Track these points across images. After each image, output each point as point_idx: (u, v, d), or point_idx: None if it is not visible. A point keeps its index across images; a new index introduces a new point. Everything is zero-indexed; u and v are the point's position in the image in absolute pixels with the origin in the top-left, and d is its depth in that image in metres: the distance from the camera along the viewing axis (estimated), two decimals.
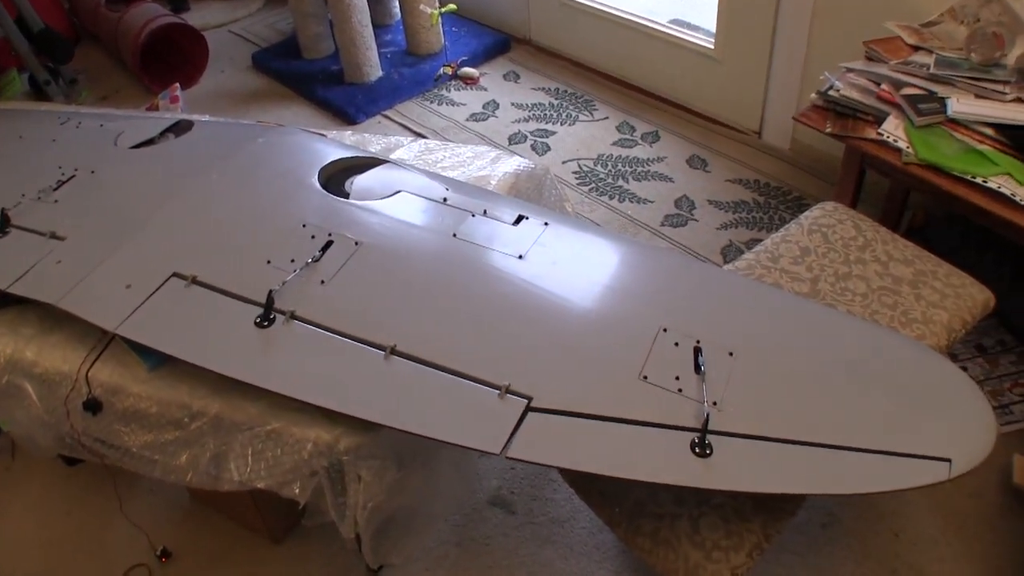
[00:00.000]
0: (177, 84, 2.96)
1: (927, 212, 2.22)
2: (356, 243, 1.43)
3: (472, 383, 1.21)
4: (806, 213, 1.77)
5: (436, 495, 1.41)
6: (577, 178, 2.78)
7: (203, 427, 1.21)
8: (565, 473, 1.46)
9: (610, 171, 2.79)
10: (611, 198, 2.68)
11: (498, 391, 1.19)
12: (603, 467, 1.11)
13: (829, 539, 1.68)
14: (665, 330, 1.31)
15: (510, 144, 2.98)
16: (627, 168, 2.80)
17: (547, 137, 3.00)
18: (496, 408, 1.17)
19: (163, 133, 1.79)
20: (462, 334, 1.29)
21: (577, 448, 1.14)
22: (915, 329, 1.48)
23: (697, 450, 1.09)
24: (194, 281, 1.35)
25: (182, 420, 1.21)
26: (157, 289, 1.32)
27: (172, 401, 1.21)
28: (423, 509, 1.40)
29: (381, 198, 1.56)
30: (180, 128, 1.80)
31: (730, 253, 2.40)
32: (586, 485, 1.41)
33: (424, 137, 2.96)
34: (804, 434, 1.10)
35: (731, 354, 1.26)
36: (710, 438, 1.10)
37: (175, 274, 1.35)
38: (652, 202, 2.64)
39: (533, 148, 2.94)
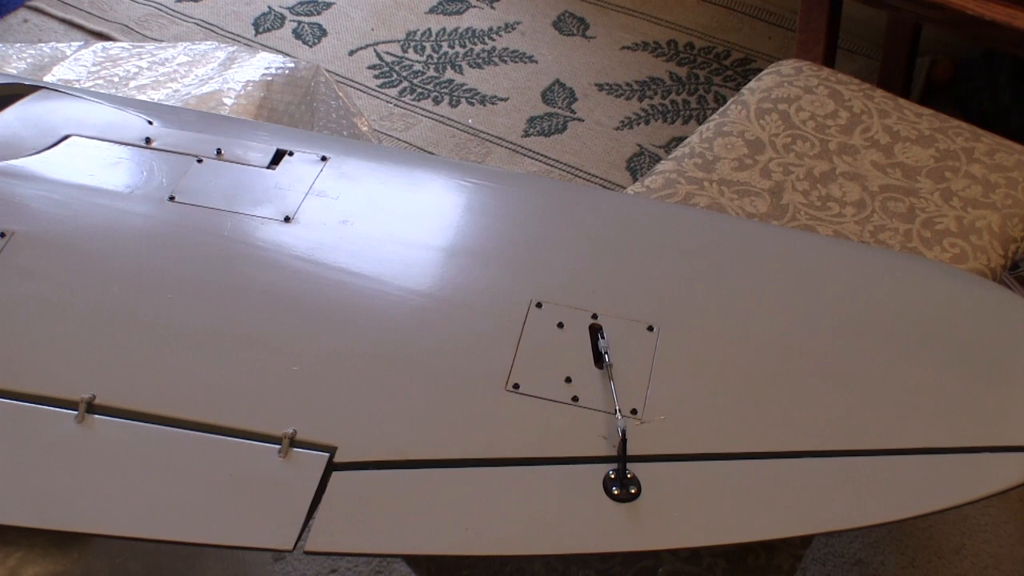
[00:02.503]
0: None
1: (954, 58, 2.28)
2: None
3: (232, 439, 1.21)
4: (752, 83, 1.81)
5: None
6: (376, 75, 2.77)
7: None
8: (409, 557, 1.48)
9: (430, 57, 2.80)
10: (436, 102, 2.69)
11: (278, 446, 1.19)
12: (464, 544, 1.13)
13: None
14: (539, 305, 1.34)
15: (257, 33, 2.95)
16: (458, 48, 2.80)
17: (319, 14, 2.98)
18: (278, 473, 1.18)
19: None
20: (206, 361, 1.28)
21: (418, 519, 1.15)
22: (948, 247, 1.52)
23: (615, 490, 1.14)
24: None
25: None
26: None
27: None
28: None
29: (36, 152, 1.54)
30: None
31: (640, 165, 2.46)
32: (446, 570, 1.43)
33: (107, 38, 2.89)
34: (792, 440, 1.20)
35: (651, 328, 1.32)
36: (633, 468, 1.14)
37: None
38: (505, 99, 2.67)
39: (297, 35, 2.93)
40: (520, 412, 1.23)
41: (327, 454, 1.19)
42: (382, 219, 1.48)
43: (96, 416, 1.23)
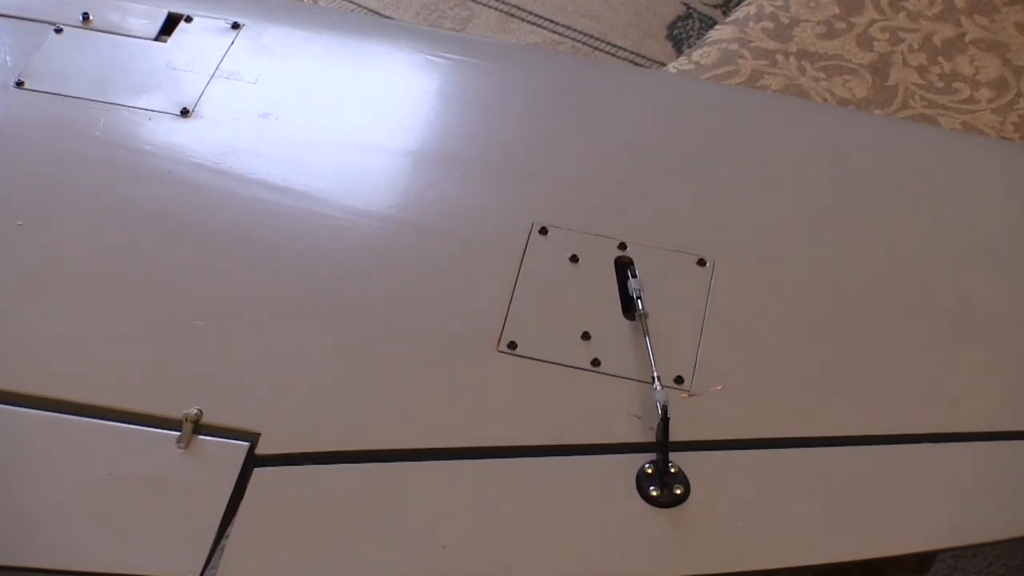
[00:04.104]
0: None
1: None
2: None
3: (109, 422, 1.20)
4: None
5: None
6: None
7: None
8: None
9: None
10: None
11: (176, 432, 1.19)
12: (439, 569, 1.13)
13: None
14: (544, 231, 1.34)
15: None
16: None
17: None
18: (177, 470, 1.17)
19: None
20: (67, 314, 1.28)
21: (374, 533, 1.14)
22: None
23: (654, 490, 1.14)
24: None
25: None
26: None
27: None
28: None
29: None
30: None
31: (687, 32, 2.44)
32: None
33: None
34: (901, 419, 1.20)
35: (702, 263, 1.33)
36: (678, 460, 1.15)
37: None
38: None
39: None
40: (517, 382, 1.23)
41: (246, 443, 1.19)
42: (319, 112, 1.47)
43: None
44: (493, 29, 2.53)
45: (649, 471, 1.16)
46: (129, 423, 1.20)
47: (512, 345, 1.25)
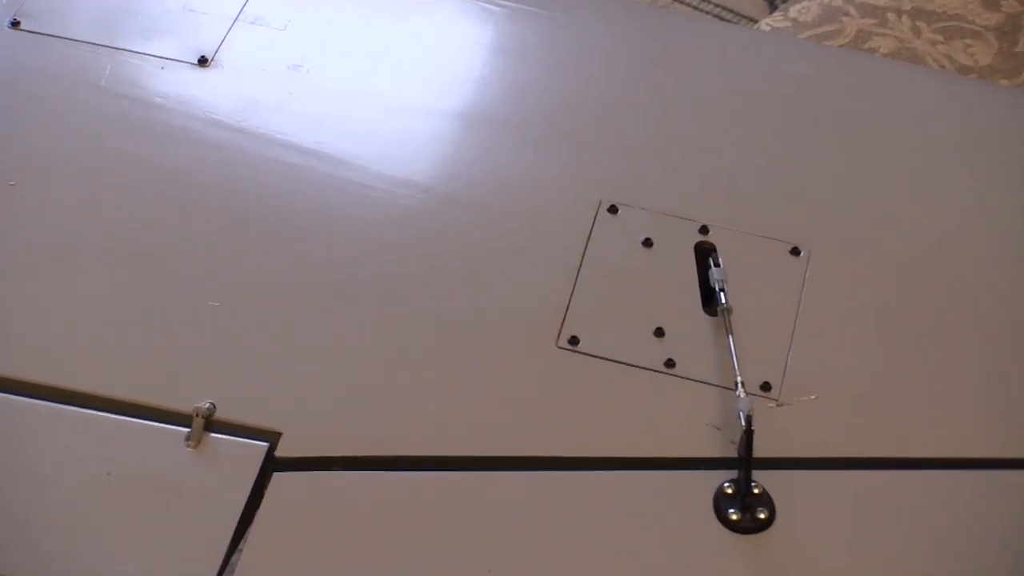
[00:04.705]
0: None
1: None
2: None
3: (109, 415, 1.19)
4: None
5: None
6: None
7: None
8: None
9: None
10: None
11: (186, 428, 1.18)
12: None
13: None
14: (613, 209, 1.33)
15: None
16: None
17: None
18: (186, 472, 1.17)
19: None
20: (64, 292, 1.28)
21: (409, 550, 1.13)
22: None
23: (733, 514, 1.13)
24: None
25: None
26: None
27: None
28: None
29: None
30: None
31: None
32: None
33: None
34: None
35: (796, 252, 1.32)
36: (762, 478, 1.15)
37: None
38: None
39: None
40: (578, 383, 1.22)
41: (265, 444, 1.18)
42: (356, 65, 1.47)
43: None
44: None
45: (729, 491, 1.15)
46: (131, 416, 1.19)
47: (574, 340, 1.24)
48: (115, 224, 1.33)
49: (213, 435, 1.18)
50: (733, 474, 1.15)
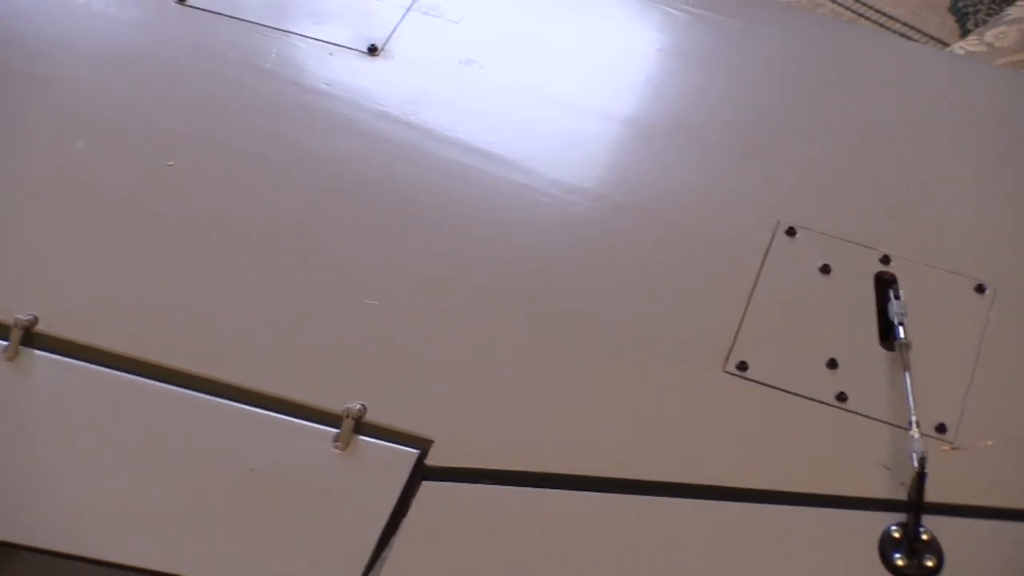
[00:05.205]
0: None
1: None
2: None
3: (258, 410, 1.23)
4: None
5: None
6: None
7: None
8: None
9: None
10: None
11: (335, 430, 1.21)
12: None
13: None
14: (791, 231, 1.33)
15: None
16: None
17: None
18: (333, 473, 1.19)
19: None
20: (222, 284, 1.31)
21: (561, 572, 1.15)
22: None
23: (899, 559, 1.14)
24: None
25: None
26: None
27: None
28: None
29: None
30: None
31: (975, 5, 2.39)
32: None
33: None
34: None
35: (980, 289, 1.31)
36: (932, 524, 1.15)
37: None
38: None
39: None
40: (744, 410, 1.23)
41: (415, 451, 1.20)
42: (531, 62, 1.47)
43: (29, 350, 1.25)
44: None
45: (896, 535, 1.14)
46: (279, 413, 1.22)
47: (742, 366, 1.24)
48: (273, 213, 1.34)
49: (362, 438, 1.19)
50: (901, 517, 1.15)
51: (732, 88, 1.51)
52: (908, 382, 1.22)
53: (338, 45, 1.46)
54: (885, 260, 1.31)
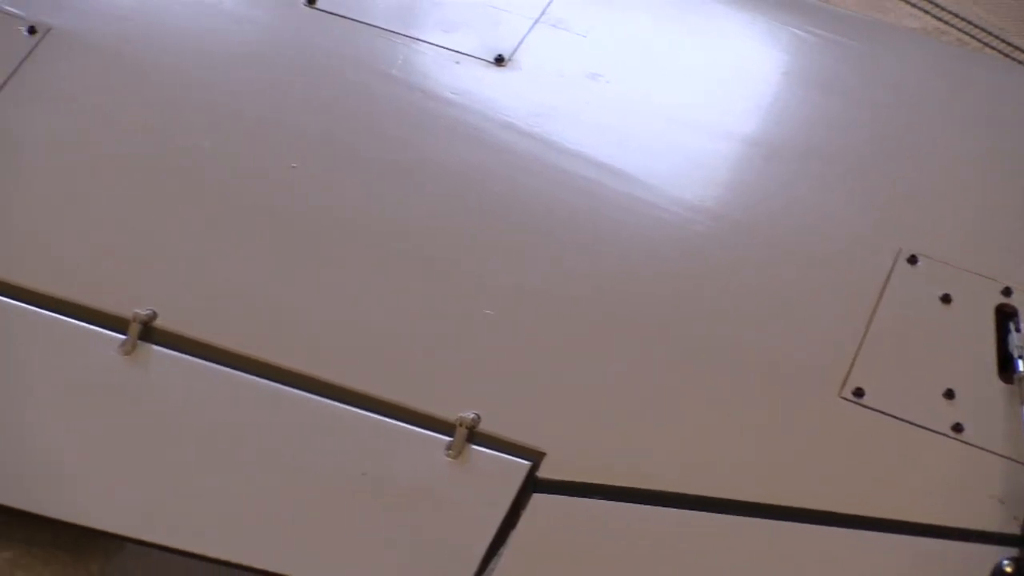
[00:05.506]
0: None
1: None
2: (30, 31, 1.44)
3: (371, 414, 1.23)
4: None
5: None
6: None
7: None
8: None
9: None
10: None
11: (447, 438, 1.21)
12: None
13: None
14: (913, 259, 1.33)
15: None
16: None
17: None
18: (444, 481, 1.20)
19: None
20: (342, 287, 1.32)
21: None
22: None
23: None
24: None
25: None
26: None
27: None
28: None
29: None
30: None
31: None
32: None
33: None
34: None
35: None
36: None
37: None
38: None
39: None
40: (858, 436, 1.22)
41: (527, 463, 1.20)
42: (657, 79, 1.48)
43: (147, 346, 1.27)
44: (864, 5, 2.51)
45: (1008, 568, 1.13)
46: (392, 418, 1.22)
47: (858, 392, 1.23)
48: (395, 219, 1.35)
49: (475, 447, 1.20)
50: (1013, 551, 1.13)
51: (856, 113, 1.50)
52: None
53: (465, 54, 1.47)
54: (1007, 292, 1.31)
